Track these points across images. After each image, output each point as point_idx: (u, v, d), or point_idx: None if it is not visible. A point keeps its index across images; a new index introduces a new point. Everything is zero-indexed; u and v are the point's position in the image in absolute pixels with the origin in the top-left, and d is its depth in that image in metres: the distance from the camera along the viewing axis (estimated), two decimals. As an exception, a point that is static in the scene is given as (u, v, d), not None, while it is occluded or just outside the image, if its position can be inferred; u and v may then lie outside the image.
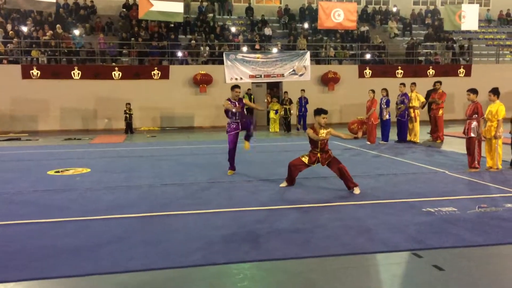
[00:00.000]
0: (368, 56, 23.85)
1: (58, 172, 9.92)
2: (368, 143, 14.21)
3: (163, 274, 4.54)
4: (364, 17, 26.95)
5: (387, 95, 14.36)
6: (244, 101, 9.62)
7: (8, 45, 20.72)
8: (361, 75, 22.81)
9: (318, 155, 7.98)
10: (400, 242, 5.24)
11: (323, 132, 7.90)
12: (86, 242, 5.37)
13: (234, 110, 9.24)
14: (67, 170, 10.12)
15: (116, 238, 5.49)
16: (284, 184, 8.29)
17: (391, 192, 7.74)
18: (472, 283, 4.25)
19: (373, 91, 14.41)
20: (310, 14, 26.60)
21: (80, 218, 6.37)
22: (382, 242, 5.24)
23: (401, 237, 5.40)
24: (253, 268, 4.71)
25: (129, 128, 19.20)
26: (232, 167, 9.69)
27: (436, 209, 6.54)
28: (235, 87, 9.42)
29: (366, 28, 25.72)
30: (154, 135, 18.27)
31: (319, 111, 7.99)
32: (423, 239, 5.32)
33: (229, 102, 9.30)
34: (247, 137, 9.68)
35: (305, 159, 8.06)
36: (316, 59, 23.15)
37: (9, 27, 21.49)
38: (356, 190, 7.71)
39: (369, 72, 22.75)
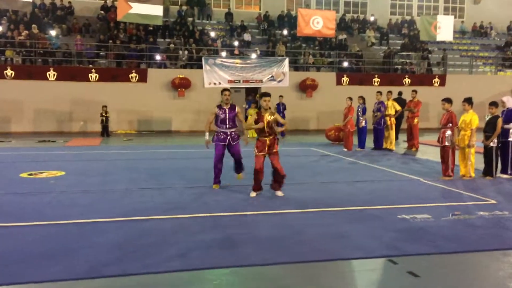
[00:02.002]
0: (345, 64, 24.14)
1: (31, 174, 9.70)
2: (345, 150, 14.35)
3: (139, 279, 4.49)
4: (342, 25, 27.29)
5: (364, 102, 14.55)
6: (237, 110, 8.42)
7: (-19, 44, 20.24)
8: (339, 82, 23.05)
9: (267, 140, 7.81)
10: (375, 248, 5.29)
11: (269, 117, 7.71)
12: (60, 246, 5.26)
13: (208, 144, 8.45)
14: (40, 172, 9.91)
15: (91, 243, 5.39)
16: (253, 193, 7.94)
17: (367, 199, 7.81)
18: (447, 289, 4.32)
19: (351, 99, 14.58)
20: (289, 21, 26.79)
21: (54, 222, 6.23)
22: (358, 248, 5.29)
23: (376, 243, 5.46)
24: (230, 273, 4.69)
25: (106, 131, 18.93)
26: (216, 181, 8.60)
27: (411, 216, 6.63)
28: (225, 90, 8.33)
29: (344, 36, 26.05)
30: (131, 138, 18.07)
31: (261, 95, 7.94)
32: (399, 245, 5.39)
33: (218, 110, 8.32)
34: (238, 170, 8.92)
35: (257, 151, 7.86)
36: (295, 66, 23.30)
37: (-18, 25, 21.01)
38: (279, 193, 7.86)
39: (347, 80, 23.02)
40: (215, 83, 18.71)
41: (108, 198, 7.73)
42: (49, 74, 19.88)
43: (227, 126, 8.38)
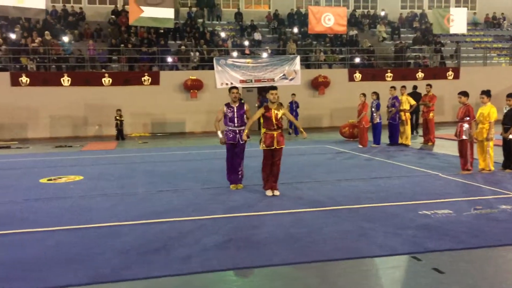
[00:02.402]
0: (357, 60, 23.99)
1: (50, 180, 9.81)
2: (360, 146, 14.26)
3: (163, 282, 4.51)
4: (352, 21, 27.11)
5: (378, 98, 14.44)
6: (245, 108, 8.43)
7: (-4, 52, 20.52)
8: (351, 78, 22.92)
9: (275, 134, 7.83)
10: (398, 245, 5.25)
11: (277, 112, 7.75)
12: (82, 251, 5.31)
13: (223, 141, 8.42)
14: (59, 178, 10.01)
15: (112, 247, 5.43)
16: (269, 192, 7.95)
17: (385, 195, 7.75)
18: (473, 285, 4.26)
19: (364, 95, 14.48)
20: (299, 18, 26.70)
21: (75, 227, 6.30)
22: (380, 246, 5.25)
23: (398, 240, 5.41)
24: (251, 274, 4.70)
25: (120, 135, 19.06)
26: (232, 180, 8.55)
27: (432, 211, 6.57)
28: (232, 88, 8.39)
29: (355, 32, 25.89)
30: (146, 141, 18.17)
31: (269, 88, 7.97)
32: (421, 242, 5.34)
33: (226, 109, 8.33)
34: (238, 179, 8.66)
35: (265, 145, 7.89)
36: (306, 64, 23.22)
37: (-4, 34, 21.30)
38: (277, 193, 7.91)
39: (359, 76, 22.88)
40: (227, 84, 18.73)
41: (127, 201, 7.78)
42: (63, 80, 20.08)
43: (236, 124, 8.36)
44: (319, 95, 22.37)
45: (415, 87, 17.41)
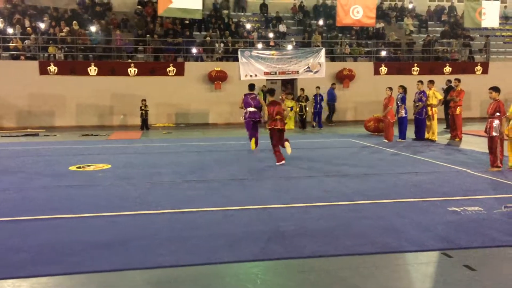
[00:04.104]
0: (383, 53, 23.69)
1: (79, 168, 10.00)
2: (385, 141, 14.12)
3: (192, 270, 4.58)
4: (379, 13, 26.68)
5: (405, 92, 14.24)
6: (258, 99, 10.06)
7: (26, 41, 20.90)
8: (377, 72, 22.66)
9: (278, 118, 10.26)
10: (428, 241, 5.21)
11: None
12: (115, 237, 5.43)
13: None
14: (88, 165, 10.21)
15: (144, 234, 5.54)
16: (281, 162, 10.18)
17: (413, 190, 7.69)
18: (506, 283, 4.22)
19: (391, 89, 14.30)
20: (325, 10, 26.45)
21: (107, 214, 6.43)
22: (410, 241, 5.22)
23: (429, 236, 5.37)
24: (282, 265, 4.72)
25: (145, 125, 19.28)
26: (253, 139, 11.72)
27: (462, 208, 6.49)
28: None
29: (382, 25, 25.52)
30: (170, 131, 18.34)
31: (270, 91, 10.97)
32: (452, 238, 5.29)
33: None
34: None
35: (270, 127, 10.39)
36: (331, 56, 23.04)
37: (26, 23, 21.67)
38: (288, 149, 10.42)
39: (385, 70, 22.60)
40: (251, 75, 18.76)
41: (155, 190, 7.89)
42: (90, 69, 20.37)
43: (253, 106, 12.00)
44: (343, 88, 22.18)
45: (449, 81, 17.04)
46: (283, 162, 10.17)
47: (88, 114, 20.48)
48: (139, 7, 24.49)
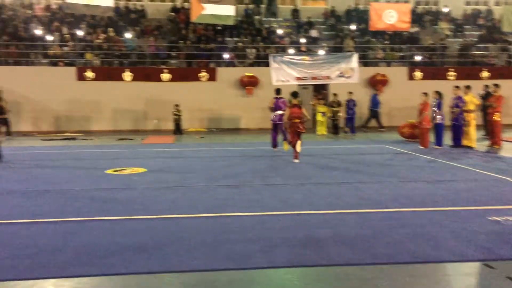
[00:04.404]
0: (418, 58, 23.27)
1: (116, 171, 10.21)
2: (421, 147, 13.83)
3: (227, 274, 4.59)
4: (413, 17, 26.27)
5: (440, 97, 13.93)
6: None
7: (64, 48, 21.55)
8: (411, 77, 22.29)
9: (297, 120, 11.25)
10: (468, 251, 5.06)
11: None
12: (151, 240, 5.49)
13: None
14: (124, 169, 10.40)
15: (179, 238, 5.58)
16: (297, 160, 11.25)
17: (452, 199, 7.49)
18: (553, 297, 4.05)
19: (426, 94, 14.03)
20: (358, 15, 26.22)
21: (142, 217, 6.53)
22: (450, 251, 5.08)
23: (469, 246, 5.22)
24: (317, 272, 4.67)
25: (178, 129, 19.54)
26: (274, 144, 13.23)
27: (503, 218, 6.28)
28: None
29: (416, 29, 25.11)
30: (203, 136, 18.51)
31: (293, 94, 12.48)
32: (493, 249, 5.12)
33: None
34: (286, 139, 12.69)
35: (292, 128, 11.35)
36: (364, 61, 22.79)
37: (64, 30, 22.35)
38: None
39: (419, 75, 22.20)
40: (283, 81, 18.73)
41: (188, 194, 7.96)
42: (125, 75, 20.82)
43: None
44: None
45: (487, 87, 16.53)
46: (298, 161, 11.37)
47: (123, 119, 20.92)
48: (172, 14, 24.91)
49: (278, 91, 13.59)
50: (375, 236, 5.60)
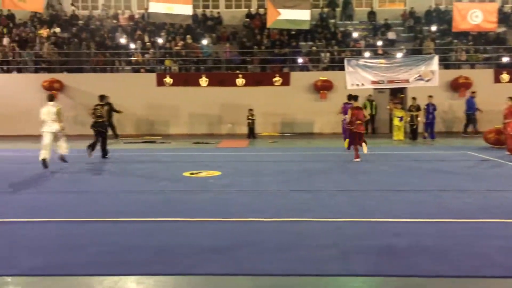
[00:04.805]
0: (505, 60, 21.80)
1: (192, 174, 10.53)
2: (508, 153, 12.93)
3: (302, 280, 4.57)
4: (500, 17, 24.65)
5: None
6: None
7: (145, 55, 22.66)
8: (497, 80, 20.91)
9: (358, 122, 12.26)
10: None
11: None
12: (225, 242, 5.60)
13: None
14: (200, 172, 10.71)
15: (252, 241, 5.64)
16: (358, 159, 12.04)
17: (545, 210, 6.93)
18: None
19: (511, 99, 13.12)
20: (438, 16, 25.10)
21: (217, 219, 6.67)
22: (544, 266, 4.70)
23: None
24: (395, 283, 4.52)
25: (252, 133, 19.80)
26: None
27: None
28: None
29: (503, 29, 23.54)
30: (276, 140, 18.61)
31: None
32: None
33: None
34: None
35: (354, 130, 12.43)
36: (445, 64, 21.75)
37: (146, 39, 23.51)
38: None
39: (506, 77, 20.77)
40: (357, 85, 18.33)
41: (263, 198, 8.03)
42: (201, 81, 21.46)
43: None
44: (459, 98, 20.79)
45: None
46: (359, 159, 12.07)
47: (199, 123, 21.57)
48: (247, 19, 25.31)
49: (349, 97, 13.98)
50: (457, 247, 5.31)
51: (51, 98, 12.34)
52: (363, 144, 12.55)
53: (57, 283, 4.51)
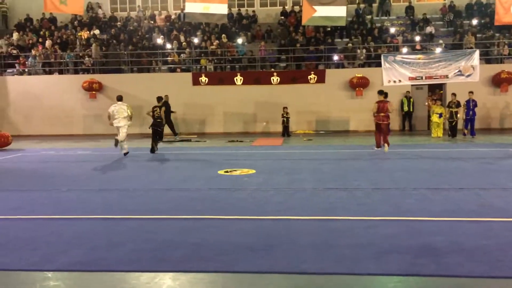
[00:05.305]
0: (550, 53, 20.91)
1: (227, 172, 10.62)
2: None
3: (337, 279, 4.53)
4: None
5: None
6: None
7: (181, 55, 22.99)
8: (541, 74, 20.08)
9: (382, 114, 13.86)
10: None
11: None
12: (260, 240, 5.61)
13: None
14: (235, 170, 10.79)
15: (287, 239, 5.64)
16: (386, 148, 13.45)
17: None
18: None
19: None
20: (479, 9, 24.33)
21: (252, 217, 6.70)
22: None
23: None
24: (434, 283, 4.41)
25: (286, 131, 19.76)
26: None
27: None
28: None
29: (549, 20, 22.54)
30: (310, 138, 18.51)
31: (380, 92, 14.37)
32: None
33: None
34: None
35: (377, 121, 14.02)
36: (487, 58, 21.05)
37: (182, 38, 23.84)
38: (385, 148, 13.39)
39: (553, 71, 19.93)
40: (394, 81, 18.03)
41: (297, 197, 8.00)
42: (236, 79, 21.58)
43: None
44: (501, 93, 20.09)
45: None
46: (378, 149, 13.83)
47: (234, 121, 21.71)
48: (282, 17, 25.26)
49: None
50: (500, 247, 5.14)
51: (120, 98, 13.94)
52: (386, 145, 13.70)
53: (94, 279, 4.65)
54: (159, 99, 15.05)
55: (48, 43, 23.91)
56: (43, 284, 4.51)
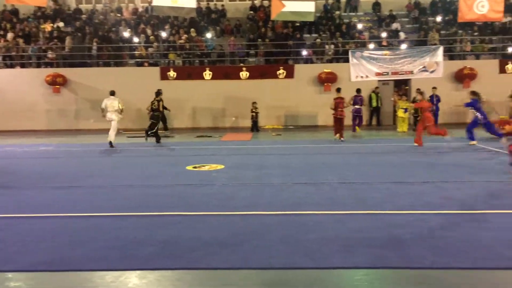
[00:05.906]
0: (511, 50, 21.61)
1: (195, 167, 10.54)
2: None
3: (306, 273, 4.55)
4: (506, 7, 24.42)
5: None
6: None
7: (149, 49, 22.63)
8: (502, 70, 20.77)
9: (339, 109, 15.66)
10: None
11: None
12: (230, 236, 5.59)
13: None
14: (203, 166, 10.72)
15: (256, 235, 5.64)
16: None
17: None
18: None
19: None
20: (444, 6, 24.90)
21: (220, 213, 6.68)
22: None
23: None
24: (399, 275, 4.51)
25: (255, 126, 19.77)
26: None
27: None
28: None
29: (509, 18, 23.31)
30: (279, 133, 18.58)
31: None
32: None
33: None
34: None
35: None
36: (450, 55, 21.60)
37: (149, 32, 23.47)
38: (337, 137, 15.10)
39: (512, 67, 20.63)
40: (362, 77, 18.31)
41: (266, 192, 8.02)
42: (205, 74, 21.43)
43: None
44: (463, 89, 20.66)
45: None
46: (339, 138, 15.45)
47: (203, 117, 21.57)
48: (251, 12, 25.20)
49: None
50: (461, 239, 5.30)
51: (113, 93, 14.82)
52: (338, 135, 15.61)
53: (58, 278, 4.53)
54: (157, 93, 16.12)
55: (10, 35, 23.10)
56: (3, 285, 4.36)
